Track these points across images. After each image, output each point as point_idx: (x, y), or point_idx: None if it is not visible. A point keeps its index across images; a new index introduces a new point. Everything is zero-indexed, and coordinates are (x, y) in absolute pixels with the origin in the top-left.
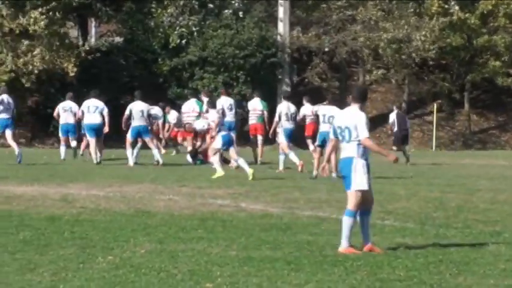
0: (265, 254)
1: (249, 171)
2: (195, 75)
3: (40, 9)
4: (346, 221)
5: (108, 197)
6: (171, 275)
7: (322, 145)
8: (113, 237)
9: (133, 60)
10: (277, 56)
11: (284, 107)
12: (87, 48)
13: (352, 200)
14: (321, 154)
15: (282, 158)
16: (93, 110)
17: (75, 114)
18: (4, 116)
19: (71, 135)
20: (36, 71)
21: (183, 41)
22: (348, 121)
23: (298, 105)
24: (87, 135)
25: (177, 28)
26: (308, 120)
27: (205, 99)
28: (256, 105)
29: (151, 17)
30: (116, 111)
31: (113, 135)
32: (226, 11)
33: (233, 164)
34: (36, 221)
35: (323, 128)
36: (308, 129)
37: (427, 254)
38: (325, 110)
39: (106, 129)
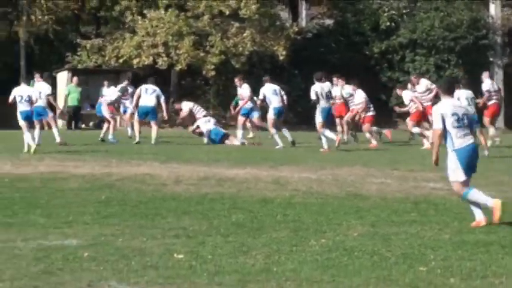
0: (479, 237)
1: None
2: (406, 57)
3: None
4: None
5: (320, 179)
6: (384, 258)
7: None
8: (326, 220)
9: (344, 43)
10: (488, 38)
11: (318, 88)
12: (296, 30)
13: None
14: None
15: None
16: (150, 92)
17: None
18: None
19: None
20: (246, 52)
21: (393, 24)
22: (466, 110)
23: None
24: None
25: (387, 10)
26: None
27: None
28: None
29: None
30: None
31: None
32: None
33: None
34: (248, 204)
35: None
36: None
37: None
38: (467, 94)
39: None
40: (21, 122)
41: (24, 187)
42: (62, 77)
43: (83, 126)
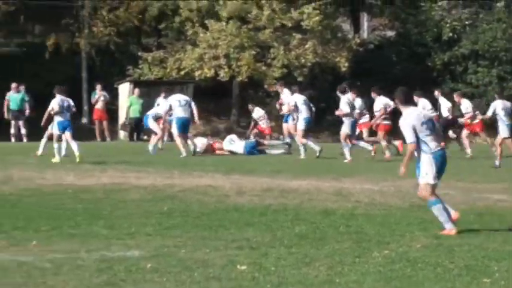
0: None
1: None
2: (469, 69)
3: (313, 4)
4: None
5: (383, 191)
6: (447, 270)
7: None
8: (389, 232)
9: (406, 54)
10: None
11: (348, 99)
12: (358, 41)
13: None
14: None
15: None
16: (184, 104)
17: None
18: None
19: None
20: (308, 64)
21: (455, 35)
22: (428, 115)
23: None
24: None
25: (450, 21)
26: None
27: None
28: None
29: (422, 10)
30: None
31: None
32: (498, 4)
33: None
34: (311, 215)
35: (508, 120)
36: None
37: None
38: (504, 103)
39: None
40: (57, 132)
41: (87, 198)
42: (124, 88)
43: (145, 137)
